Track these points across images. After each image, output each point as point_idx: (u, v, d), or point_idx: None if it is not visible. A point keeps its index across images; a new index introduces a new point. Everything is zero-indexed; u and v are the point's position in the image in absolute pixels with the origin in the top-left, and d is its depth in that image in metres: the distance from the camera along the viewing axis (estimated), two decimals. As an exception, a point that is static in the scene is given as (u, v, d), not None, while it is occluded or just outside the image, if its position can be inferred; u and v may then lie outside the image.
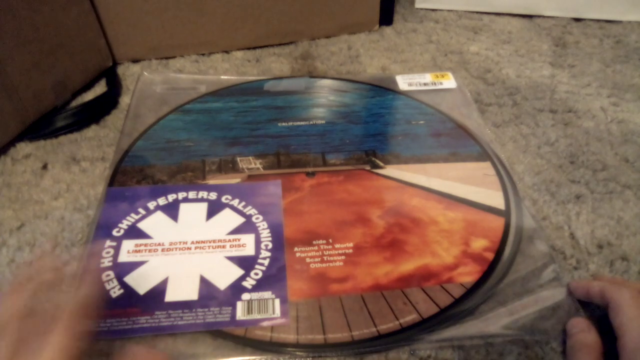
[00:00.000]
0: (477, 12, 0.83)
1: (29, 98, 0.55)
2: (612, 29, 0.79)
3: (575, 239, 0.46)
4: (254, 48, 0.73)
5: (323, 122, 0.55)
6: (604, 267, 0.43)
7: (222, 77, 0.64)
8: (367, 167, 0.49)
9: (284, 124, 0.55)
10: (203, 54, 0.72)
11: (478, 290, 0.39)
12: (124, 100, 0.63)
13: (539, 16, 0.82)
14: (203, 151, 0.51)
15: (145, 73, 0.64)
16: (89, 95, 0.63)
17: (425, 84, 0.62)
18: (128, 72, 0.68)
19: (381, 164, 0.50)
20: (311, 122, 0.55)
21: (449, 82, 0.62)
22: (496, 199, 0.47)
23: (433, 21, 0.81)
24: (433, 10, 0.84)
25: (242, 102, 0.58)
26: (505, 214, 0.45)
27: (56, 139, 0.56)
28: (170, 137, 0.53)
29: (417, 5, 0.85)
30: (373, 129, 0.55)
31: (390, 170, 0.49)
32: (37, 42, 0.56)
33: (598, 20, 0.80)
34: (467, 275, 0.40)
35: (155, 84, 0.62)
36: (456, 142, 0.53)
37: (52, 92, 0.58)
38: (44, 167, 0.53)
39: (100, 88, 0.65)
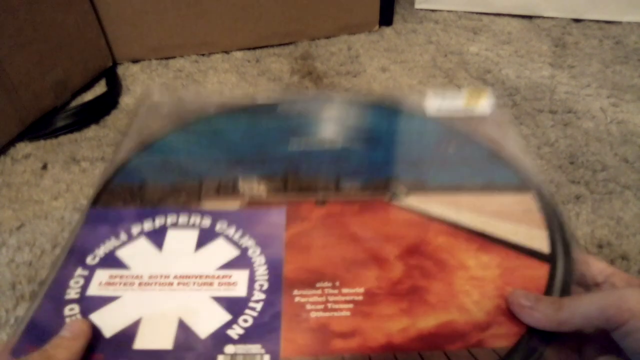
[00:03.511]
0: (477, 13, 0.83)
1: (29, 98, 0.55)
2: (611, 29, 0.79)
3: (575, 239, 0.46)
4: (254, 48, 0.73)
5: (339, 145, 0.49)
6: (603, 267, 0.44)
7: (234, 97, 0.58)
8: (387, 197, 0.43)
9: (295, 146, 0.49)
10: (203, 54, 0.72)
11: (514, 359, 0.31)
12: (124, 100, 0.63)
13: (539, 17, 0.82)
14: (202, 171, 0.46)
15: (151, 90, 0.59)
16: (89, 95, 0.63)
17: (457, 106, 0.54)
18: (128, 72, 0.68)
19: (402, 193, 0.44)
20: (326, 145, 0.49)
21: (485, 102, 0.54)
22: (539, 240, 0.39)
23: (433, 22, 0.81)
24: (433, 10, 0.84)
25: (252, 122, 0.53)
26: (550, 258, 0.37)
27: (56, 139, 0.56)
28: (169, 154, 0.48)
29: (417, 5, 0.85)
30: (395, 154, 0.48)
31: (413, 201, 0.42)
32: (37, 42, 0.56)
33: (598, 21, 0.81)
34: (502, 338, 0.32)
35: (161, 102, 0.55)
36: (492, 170, 0.45)
37: (52, 92, 0.59)
38: (44, 167, 0.53)
39: (100, 88, 0.65)
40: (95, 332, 0.32)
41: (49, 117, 0.58)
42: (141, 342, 0.32)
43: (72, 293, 0.34)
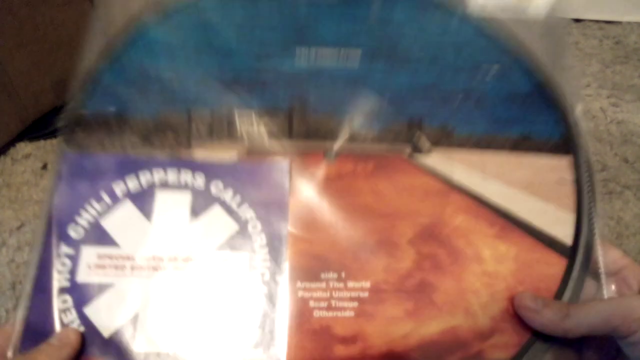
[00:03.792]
0: (477, 13, 0.83)
1: (29, 98, 0.55)
2: (611, 29, 0.79)
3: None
4: (254, 48, 0.73)
5: (358, 56, 0.41)
6: (604, 267, 0.44)
7: None
8: (407, 152, 0.38)
9: (304, 56, 0.41)
10: (203, 54, 0.72)
11: None
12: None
13: (539, 17, 0.82)
14: (190, 94, 0.39)
15: None
16: (88, 96, 0.63)
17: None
18: (128, 72, 0.68)
19: (426, 146, 0.38)
20: (342, 57, 0.41)
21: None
22: (564, 227, 0.36)
23: (433, 22, 0.81)
24: (433, 10, 0.84)
25: (251, 10, 0.42)
26: (570, 253, 0.35)
27: (56, 139, 0.56)
28: (147, 63, 0.39)
29: (417, 5, 0.85)
30: (424, 78, 0.40)
31: (437, 160, 0.37)
32: (37, 42, 0.56)
33: (597, 21, 0.80)
34: (501, 349, 0.31)
35: None
36: (533, 115, 0.39)
37: (52, 92, 0.59)
38: (44, 167, 0.53)
39: (100, 88, 0.65)
40: (92, 331, 0.31)
41: (49, 117, 0.58)
42: (140, 345, 0.31)
43: (61, 279, 0.32)
